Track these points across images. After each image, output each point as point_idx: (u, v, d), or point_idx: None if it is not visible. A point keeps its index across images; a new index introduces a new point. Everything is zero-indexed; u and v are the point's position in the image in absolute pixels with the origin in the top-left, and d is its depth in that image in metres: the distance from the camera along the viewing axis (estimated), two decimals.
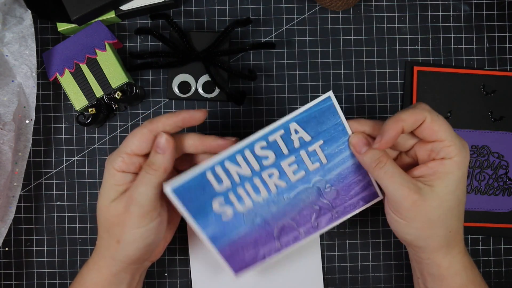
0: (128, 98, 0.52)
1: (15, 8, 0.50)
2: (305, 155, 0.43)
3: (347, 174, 0.44)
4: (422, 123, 0.40)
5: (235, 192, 0.42)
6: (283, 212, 0.44)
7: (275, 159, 0.42)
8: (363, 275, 0.54)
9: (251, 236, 0.44)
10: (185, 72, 0.53)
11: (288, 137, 0.42)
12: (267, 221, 0.44)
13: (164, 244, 0.48)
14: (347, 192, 0.45)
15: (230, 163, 0.41)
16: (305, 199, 0.44)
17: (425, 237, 0.41)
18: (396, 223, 0.42)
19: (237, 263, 0.44)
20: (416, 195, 0.39)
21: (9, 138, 0.49)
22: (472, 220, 0.54)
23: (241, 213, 0.43)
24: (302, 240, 0.45)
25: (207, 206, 0.42)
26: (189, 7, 0.55)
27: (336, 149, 0.43)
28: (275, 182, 0.43)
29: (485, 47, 0.55)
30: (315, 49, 0.55)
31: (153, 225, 0.42)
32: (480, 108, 0.54)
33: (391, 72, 0.55)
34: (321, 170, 0.43)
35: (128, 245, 0.42)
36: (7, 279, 0.54)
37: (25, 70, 0.50)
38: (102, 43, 0.52)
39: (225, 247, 0.43)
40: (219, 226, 0.43)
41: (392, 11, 0.55)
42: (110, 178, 0.42)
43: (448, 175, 0.40)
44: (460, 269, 0.43)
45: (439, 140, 0.40)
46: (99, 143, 0.55)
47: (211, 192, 0.42)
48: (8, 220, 0.50)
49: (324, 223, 0.45)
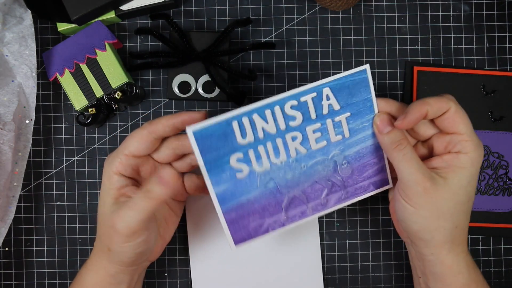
0: (128, 98, 0.52)
1: (15, 8, 0.50)
2: (330, 124, 0.43)
3: (365, 154, 0.44)
4: (446, 112, 0.41)
5: (255, 149, 0.41)
6: (297, 181, 0.43)
7: (302, 122, 0.42)
8: (363, 275, 0.54)
9: (260, 202, 0.42)
10: (185, 72, 0.53)
11: (319, 102, 0.42)
12: (279, 188, 0.43)
13: (163, 244, 0.47)
14: (361, 173, 0.45)
15: (258, 117, 0.40)
16: (321, 171, 0.44)
17: (432, 229, 0.41)
18: (404, 209, 0.41)
19: (239, 231, 0.42)
20: (428, 182, 0.40)
21: (9, 138, 0.49)
22: (472, 220, 0.53)
23: (256, 173, 0.42)
24: (308, 216, 0.44)
25: (224, 159, 0.40)
26: (189, 7, 0.55)
27: (360, 125, 0.43)
28: (296, 146, 0.42)
29: (485, 47, 0.55)
30: (315, 49, 0.55)
31: (141, 239, 0.41)
32: (480, 108, 0.54)
33: (391, 72, 0.55)
34: (342, 143, 0.43)
35: (119, 254, 0.42)
36: (7, 279, 0.54)
37: (25, 70, 0.50)
38: (102, 43, 0.52)
39: (231, 210, 0.42)
40: (231, 185, 0.41)
41: (392, 11, 0.55)
42: (107, 181, 0.42)
43: (462, 169, 0.41)
44: (463, 268, 0.43)
45: (458, 132, 0.41)
46: (99, 143, 0.55)
47: (232, 145, 0.40)
48: (8, 220, 0.50)
49: (333, 202, 0.45)
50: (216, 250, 0.53)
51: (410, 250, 0.46)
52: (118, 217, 0.40)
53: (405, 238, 0.46)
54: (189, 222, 0.53)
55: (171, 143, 0.43)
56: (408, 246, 0.47)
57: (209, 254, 0.53)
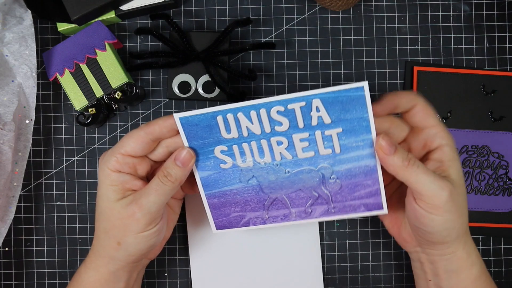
0: (128, 98, 0.52)
1: (15, 8, 0.50)
2: (319, 136, 0.41)
3: (357, 174, 0.42)
4: (415, 107, 0.41)
5: (240, 146, 0.41)
6: (281, 185, 0.43)
7: (288, 129, 0.41)
8: (363, 275, 0.54)
9: (242, 196, 0.43)
10: (185, 72, 0.53)
11: (308, 112, 0.40)
12: (262, 187, 0.43)
13: (162, 242, 0.48)
14: (351, 191, 0.43)
15: (243, 116, 0.40)
16: (306, 181, 0.43)
17: (458, 227, 0.41)
18: (432, 222, 0.40)
19: (221, 218, 0.44)
20: (449, 184, 0.39)
21: (9, 138, 0.49)
22: (472, 220, 0.54)
23: (239, 168, 0.42)
24: (291, 221, 0.44)
25: (209, 148, 0.42)
26: (189, 7, 0.55)
27: (353, 144, 0.41)
28: (281, 151, 0.42)
29: (485, 47, 0.55)
30: (315, 49, 0.55)
31: (156, 228, 0.42)
32: (480, 108, 0.54)
33: (391, 72, 0.55)
34: (331, 158, 0.42)
35: (130, 246, 0.42)
36: (7, 279, 0.54)
37: (25, 70, 0.50)
38: (102, 43, 0.52)
39: (214, 196, 0.43)
40: (215, 173, 0.42)
41: (392, 11, 0.55)
42: (105, 178, 0.42)
43: (454, 161, 0.41)
44: (475, 259, 0.43)
45: (430, 125, 0.41)
46: (99, 143, 0.55)
47: (216, 137, 0.41)
48: (8, 220, 0.50)
49: (318, 213, 0.44)
50: (216, 250, 0.53)
51: (418, 258, 0.46)
52: (138, 207, 0.41)
53: (413, 247, 0.46)
54: (189, 222, 0.53)
55: (165, 141, 0.43)
56: (415, 255, 0.46)
57: (209, 254, 0.53)
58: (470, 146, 0.54)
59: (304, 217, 0.44)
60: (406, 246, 0.46)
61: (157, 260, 0.54)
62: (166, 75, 0.55)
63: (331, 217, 0.44)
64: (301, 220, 0.44)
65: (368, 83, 0.54)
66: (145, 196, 0.41)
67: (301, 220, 0.44)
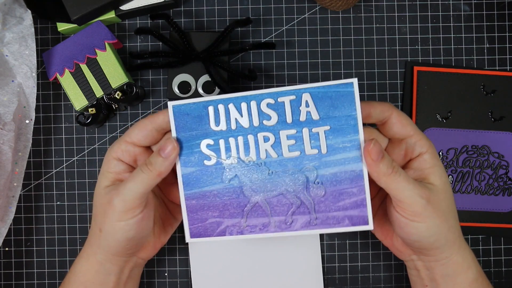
0: (128, 98, 0.52)
1: (15, 8, 0.50)
2: (307, 134, 0.41)
3: (343, 180, 0.41)
4: (390, 118, 0.41)
5: (226, 140, 0.42)
6: (263, 187, 0.42)
7: (277, 123, 0.41)
8: (363, 275, 0.54)
9: (222, 198, 0.42)
10: (185, 72, 0.53)
11: (297, 106, 0.41)
12: (243, 189, 0.42)
13: (156, 244, 0.47)
14: (336, 200, 0.41)
15: (233, 107, 0.41)
16: (289, 184, 0.42)
17: (445, 232, 0.41)
18: (416, 230, 0.41)
19: (197, 223, 0.43)
20: (427, 191, 0.40)
21: (9, 138, 0.49)
22: (472, 220, 0.54)
23: (223, 165, 0.42)
24: (269, 233, 0.42)
25: (195, 141, 0.42)
26: (189, 7, 0.55)
27: (340, 144, 0.41)
28: (267, 148, 0.41)
29: (485, 47, 0.55)
30: (315, 49, 0.55)
31: (134, 220, 0.41)
32: (480, 108, 0.54)
33: (391, 72, 0.55)
34: (317, 159, 0.41)
35: (108, 235, 0.42)
36: (7, 279, 0.54)
37: (25, 70, 0.50)
38: (102, 43, 0.52)
39: (193, 198, 0.42)
40: (198, 171, 0.42)
41: (392, 11, 0.55)
42: (105, 164, 0.43)
43: (435, 167, 0.41)
44: (471, 262, 0.43)
45: (408, 134, 0.42)
46: (99, 143, 0.55)
47: (205, 129, 0.42)
48: (8, 220, 0.50)
49: (300, 224, 0.42)
50: (216, 250, 0.53)
51: (414, 266, 0.46)
52: (116, 193, 0.41)
53: (408, 256, 0.46)
54: None
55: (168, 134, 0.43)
56: (411, 263, 0.46)
57: (209, 254, 0.53)
58: (470, 146, 0.54)
59: (284, 229, 0.42)
60: (401, 255, 0.47)
61: (157, 260, 0.54)
62: (166, 75, 0.55)
63: (313, 230, 0.42)
64: (280, 232, 0.42)
65: (368, 83, 0.55)
66: (123, 183, 0.41)
67: (280, 232, 0.42)
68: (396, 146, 0.43)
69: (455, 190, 0.54)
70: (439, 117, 0.54)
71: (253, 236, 0.43)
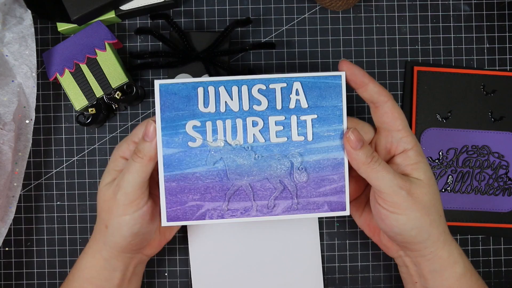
0: (128, 98, 0.52)
1: (15, 8, 0.50)
2: (294, 121, 0.42)
3: (325, 167, 0.42)
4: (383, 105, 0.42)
5: (214, 122, 0.42)
6: (248, 171, 0.42)
7: (266, 109, 0.42)
8: (363, 275, 0.54)
9: (204, 181, 0.42)
10: (185, 72, 0.53)
11: (287, 94, 0.42)
12: (228, 173, 0.42)
13: (161, 240, 0.48)
14: (317, 186, 0.43)
15: (224, 90, 0.42)
16: (274, 168, 0.42)
17: (427, 225, 0.41)
18: (396, 222, 0.41)
19: (175, 206, 0.42)
20: (408, 183, 0.41)
21: (9, 138, 0.49)
22: (472, 220, 0.54)
23: (209, 147, 0.42)
24: (250, 217, 0.43)
25: (181, 122, 0.42)
26: (189, 7, 0.55)
27: (325, 133, 0.42)
28: (255, 132, 0.42)
29: (485, 47, 0.55)
30: (315, 49, 0.55)
31: (138, 214, 0.42)
32: (480, 108, 0.54)
33: (391, 72, 0.55)
34: (303, 146, 0.42)
35: (115, 231, 0.42)
36: (7, 279, 0.54)
37: (25, 70, 0.50)
38: (102, 43, 0.52)
39: (174, 179, 0.42)
40: (181, 152, 0.42)
41: (392, 11, 0.55)
42: (111, 162, 0.44)
43: (419, 163, 0.42)
44: (458, 257, 0.43)
45: (397, 128, 0.42)
46: (99, 143, 0.55)
47: (192, 110, 0.42)
48: (8, 220, 0.50)
49: (281, 209, 0.43)
50: (216, 250, 0.53)
51: (403, 262, 0.46)
52: (117, 187, 0.42)
53: (396, 252, 0.46)
54: None
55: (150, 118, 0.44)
56: (400, 260, 0.47)
57: (209, 254, 0.53)
58: (470, 146, 0.54)
59: (265, 213, 0.43)
60: (389, 252, 0.47)
61: (157, 260, 0.54)
62: (166, 75, 0.55)
63: (293, 214, 0.43)
64: (262, 217, 0.43)
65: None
66: (121, 176, 0.42)
67: (262, 216, 0.43)
68: (382, 138, 0.43)
69: (455, 190, 0.54)
70: (439, 117, 0.54)
71: (234, 220, 0.43)
